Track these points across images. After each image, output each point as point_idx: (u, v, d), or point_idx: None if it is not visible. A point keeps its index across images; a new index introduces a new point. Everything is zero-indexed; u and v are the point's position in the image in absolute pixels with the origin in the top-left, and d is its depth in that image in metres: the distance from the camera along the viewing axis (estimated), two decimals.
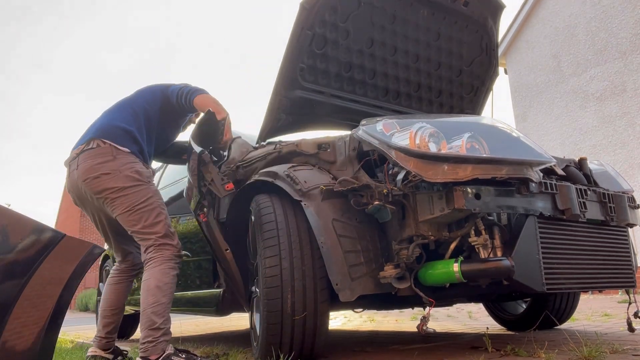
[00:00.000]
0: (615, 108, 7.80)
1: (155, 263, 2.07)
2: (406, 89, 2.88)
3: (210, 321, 6.26)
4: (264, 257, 1.84)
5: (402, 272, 1.71)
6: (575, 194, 1.82)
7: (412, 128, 1.70)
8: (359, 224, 1.83)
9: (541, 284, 1.64)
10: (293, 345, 1.81)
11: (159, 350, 1.95)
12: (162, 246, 2.11)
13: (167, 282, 2.04)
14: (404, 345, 2.41)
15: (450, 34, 2.79)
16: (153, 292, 2.01)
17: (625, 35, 7.76)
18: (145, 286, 2.03)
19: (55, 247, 1.27)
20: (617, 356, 1.74)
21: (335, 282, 1.71)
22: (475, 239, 1.67)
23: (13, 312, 1.21)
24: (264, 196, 2.01)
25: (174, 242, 2.14)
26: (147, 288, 2.02)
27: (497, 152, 1.64)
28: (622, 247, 2.00)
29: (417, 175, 1.61)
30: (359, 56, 2.62)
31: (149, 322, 1.97)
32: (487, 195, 1.62)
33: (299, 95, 2.52)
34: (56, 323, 1.32)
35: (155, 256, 2.08)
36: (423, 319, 1.65)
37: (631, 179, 7.25)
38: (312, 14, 2.32)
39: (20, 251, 1.24)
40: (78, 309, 16.08)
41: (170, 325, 2.05)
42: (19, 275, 1.22)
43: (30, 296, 1.24)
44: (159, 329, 1.97)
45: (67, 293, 1.33)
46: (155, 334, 1.96)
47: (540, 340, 2.27)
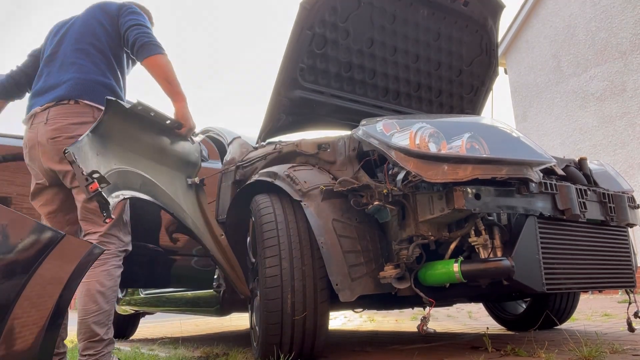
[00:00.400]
0: (615, 108, 7.80)
1: (98, 262, 1.76)
2: (406, 89, 2.88)
3: (210, 321, 6.26)
4: (264, 257, 1.84)
5: (402, 272, 1.71)
6: (575, 194, 1.82)
7: (412, 128, 1.70)
8: (359, 224, 1.83)
9: (541, 284, 1.64)
10: (293, 345, 1.81)
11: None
12: (107, 238, 1.84)
13: (110, 286, 1.81)
14: (404, 345, 2.41)
15: (450, 33, 2.79)
16: (95, 299, 1.76)
17: (625, 35, 7.76)
18: (86, 290, 1.77)
19: (55, 247, 1.27)
20: (617, 356, 1.74)
21: (335, 282, 1.71)
22: (475, 239, 1.67)
23: (13, 312, 1.21)
24: (264, 196, 2.01)
25: (122, 235, 1.89)
26: (88, 293, 1.77)
27: (497, 152, 1.64)
28: (622, 247, 2.00)
29: (417, 175, 1.61)
30: (359, 56, 2.62)
31: (90, 333, 1.74)
32: (487, 195, 1.62)
33: (299, 95, 2.52)
34: (56, 323, 1.32)
35: None
36: (423, 319, 1.65)
37: (631, 179, 7.25)
38: (312, 14, 2.32)
39: (20, 251, 1.24)
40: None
41: (112, 333, 1.85)
42: (19, 275, 1.23)
43: (30, 296, 1.24)
44: (102, 341, 1.76)
45: (67, 293, 1.33)
46: (97, 346, 1.75)
47: (540, 340, 2.27)
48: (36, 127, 1.90)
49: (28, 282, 1.24)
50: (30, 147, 1.92)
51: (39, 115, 1.91)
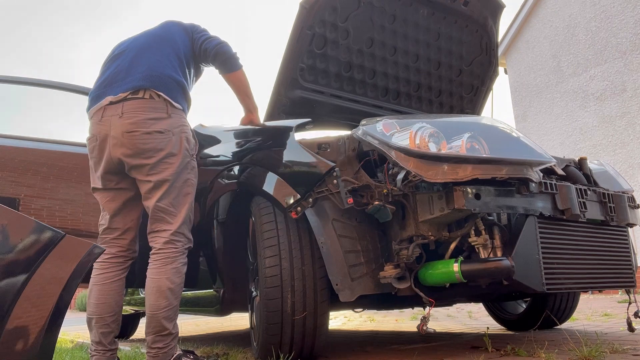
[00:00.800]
0: (615, 108, 7.80)
1: (167, 259, 1.84)
2: (406, 88, 2.88)
3: (210, 321, 6.27)
4: (264, 257, 1.84)
5: (402, 272, 1.71)
6: (575, 194, 1.82)
7: (412, 128, 1.70)
8: (359, 224, 1.83)
9: (541, 284, 1.64)
10: (293, 345, 1.81)
11: (169, 355, 1.82)
12: (177, 236, 1.88)
13: (179, 283, 1.86)
14: (404, 345, 2.41)
15: (450, 33, 2.79)
16: (165, 295, 1.81)
17: (625, 35, 7.77)
18: (156, 286, 1.82)
19: (55, 247, 1.27)
20: (617, 356, 1.74)
21: (335, 282, 1.71)
22: (475, 239, 1.67)
23: (13, 312, 1.21)
24: None
25: (187, 233, 1.92)
26: (159, 289, 1.81)
27: (497, 152, 1.64)
28: (622, 247, 2.00)
29: (417, 175, 1.61)
30: (359, 56, 2.62)
31: (160, 327, 1.80)
32: (487, 195, 1.62)
33: (299, 95, 2.52)
34: (56, 323, 1.32)
35: (167, 249, 1.85)
36: (423, 319, 1.65)
37: (631, 179, 7.25)
38: (312, 13, 2.32)
39: (20, 251, 1.24)
40: (78, 309, 16.09)
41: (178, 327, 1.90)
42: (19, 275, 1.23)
43: (30, 296, 1.24)
44: (170, 335, 1.82)
45: (67, 293, 1.33)
46: (166, 339, 1.81)
47: (540, 340, 2.27)
48: (108, 120, 1.87)
49: (28, 282, 1.24)
50: (101, 140, 1.89)
51: (111, 109, 1.88)
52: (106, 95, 1.91)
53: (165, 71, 1.96)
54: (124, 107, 1.86)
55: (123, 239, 1.97)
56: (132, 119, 1.84)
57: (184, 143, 1.91)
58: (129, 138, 1.84)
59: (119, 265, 1.96)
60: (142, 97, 1.88)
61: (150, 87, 1.89)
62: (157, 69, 1.95)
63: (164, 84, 1.92)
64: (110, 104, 1.88)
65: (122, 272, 1.97)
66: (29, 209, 2.35)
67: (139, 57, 2.00)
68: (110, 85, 1.94)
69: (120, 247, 1.96)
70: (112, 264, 1.95)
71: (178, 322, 1.89)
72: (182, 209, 1.89)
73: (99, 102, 1.92)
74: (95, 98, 1.96)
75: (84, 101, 2.05)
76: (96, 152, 1.92)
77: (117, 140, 1.85)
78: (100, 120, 1.90)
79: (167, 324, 1.81)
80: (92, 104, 1.96)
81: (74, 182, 2.46)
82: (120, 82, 1.93)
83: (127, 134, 1.84)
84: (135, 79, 1.91)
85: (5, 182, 2.35)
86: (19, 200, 2.36)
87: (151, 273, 1.85)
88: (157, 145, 1.84)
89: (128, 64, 1.98)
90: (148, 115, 1.86)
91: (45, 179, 2.42)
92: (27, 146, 2.44)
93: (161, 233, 1.87)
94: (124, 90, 1.89)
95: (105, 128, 1.87)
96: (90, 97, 1.99)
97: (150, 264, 1.86)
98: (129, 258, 1.99)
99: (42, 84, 2.76)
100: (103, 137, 1.88)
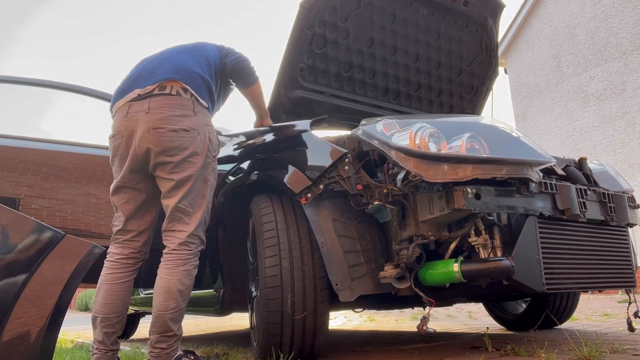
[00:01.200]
0: (615, 108, 7.80)
1: (180, 261, 1.82)
2: (406, 88, 2.88)
3: (210, 321, 6.27)
4: (264, 257, 1.84)
5: (402, 272, 1.71)
6: (575, 193, 1.82)
7: (412, 128, 1.70)
8: (359, 224, 1.83)
9: (541, 284, 1.64)
10: (293, 345, 1.81)
11: (171, 356, 1.81)
12: (192, 238, 1.86)
13: (189, 285, 1.85)
14: (404, 345, 2.41)
15: (450, 33, 2.79)
16: (175, 297, 1.80)
17: (625, 35, 7.77)
18: (167, 287, 1.80)
19: (55, 247, 1.28)
20: (617, 356, 1.74)
21: (335, 282, 1.71)
22: (475, 239, 1.67)
23: (13, 312, 1.21)
24: (264, 196, 2.01)
25: (202, 235, 1.90)
26: (169, 290, 1.80)
27: (497, 152, 1.64)
28: (622, 247, 2.00)
29: (417, 175, 1.61)
30: (359, 56, 2.62)
31: (165, 328, 1.78)
32: (487, 195, 1.62)
33: (299, 95, 2.52)
34: (56, 323, 1.32)
35: (181, 250, 1.83)
36: (423, 319, 1.65)
37: (631, 179, 7.25)
38: (312, 13, 2.32)
39: (20, 251, 1.24)
40: (78, 309, 16.09)
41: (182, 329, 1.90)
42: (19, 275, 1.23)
43: (30, 296, 1.25)
44: (174, 336, 1.81)
45: (67, 293, 1.33)
46: (169, 340, 1.80)
47: (540, 340, 2.28)
48: (134, 116, 1.86)
49: (28, 282, 1.24)
50: (127, 137, 1.87)
51: (137, 104, 1.87)
52: (134, 89, 1.90)
53: (194, 68, 1.97)
54: (150, 103, 1.85)
55: (136, 241, 1.95)
56: (158, 115, 1.83)
57: (207, 143, 1.90)
58: (155, 134, 1.82)
59: (129, 267, 1.94)
60: (169, 92, 1.87)
61: (178, 79, 1.89)
62: (187, 65, 1.96)
63: (192, 79, 1.92)
64: (137, 99, 1.87)
65: (132, 273, 1.95)
66: (29, 209, 2.35)
67: (168, 56, 2.01)
68: (137, 79, 1.94)
69: (133, 249, 1.94)
70: (123, 265, 1.93)
71: None
72: (199, 210, 1.88)
73: (126, 96, 1.90)
74: (121, 92, 1.94)
75: (84, 101, 2.05)
76: (122, 149, 1.90)
77: (143, 136, 1.83)
78: (125, 116, 1.88)
79: (172, 326, 1.79)
80: (118, 98, 1.94)
81: (74, 182, 2.45)
82: (147, 77, 1.92)
83: (153, 130, 1.82)
84: (164, 71, 1.91)
85: (5, 182, 2.35)
86: (19, 200, 2.36)
87: (162, 273, 1.83)
88: (183, 143, 1.83)
89: (157, 62, 1.98)
90: (174, 112, 1.84)
91: (45, 179, 2.41)
92: (27, 146, 2.44)
93: (177, 234, 1.86)
94: (152, 82, 1.88)
95: (131, 124, 1.85)
96: (115, 93, 1.98)
97: (162, 264, 1.85)
98: (139, 260, 1.97)
99: (43, 84, 2.76)
100: (129, 134, 1.86)
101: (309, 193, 1.81)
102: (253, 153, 2.22)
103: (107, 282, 1.90)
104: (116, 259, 1.92)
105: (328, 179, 1.79)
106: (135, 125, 1.84)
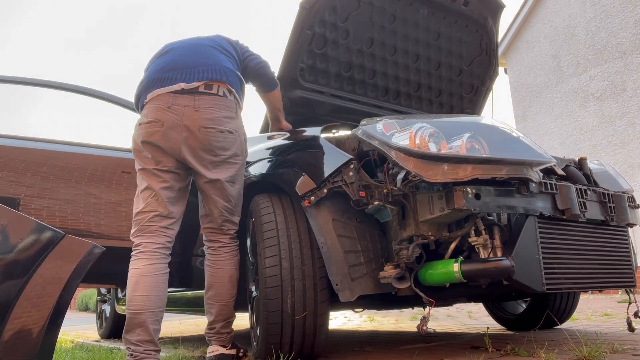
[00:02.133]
0: (615, 108, 7.80)
1: (234, 252, 2.02)
2: (406, 88, 2.88)
3: None
4: (264, 257, 1.84)
5: (402, 272, 1.71)
6: (575, 193, 1.82)
7: (412, 128, 1.70)
8: (359, 224, 1.83)
9: (541, 284, 1.64)
10: (293, 345, 1.81)
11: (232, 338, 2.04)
12: (236, 233, 2.05)
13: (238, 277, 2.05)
14: (404, 345, 2.41)
15: (450, 33, 2.79)
16: (235, 285, 2.00)
17: (625, 35, 7.77)
18: (228, 276, 1.99)
19: (55, 247, 1.27)
20: (617, 356, 1.74)
21: (335, 282, 1.71)
22: (475, 239, 1.67)
23: (13, 312, 1.21)
24: (264, 196, 2.01)
25: None
26: (230, 279, 2.00)
27: (497, 152, 1.64)
28: (622, 247, 2.00)
29: (417, 175, 1.61)
30: (359, 56, 2.62)
31: (229, 314, 2.01)
32: (487, 195, 1.62)
33: (299, 95, 2.52)
34: (56, 323, 1.32)
35: (233, 244, 2.03)
36: (423, 319, 1.65)
37: (631, 179, 7.25)
38: (312, 13, 2.32)
39: (20, 251, 1.24)
40: (78, 309, 16.09)
41: None
42: (19, 275, 1.23)
43: (30, 296, 1.25)
44: (231, 322, 2.03)
45: (67, 293, 1.33)
46: (230, 326, 2.03)
47: (540, 340, 2.28)
48: (181, 110, 1.86)
49: (28, 282, 1.24)
50: (170, 127, 1.86)
51: (184, 99, 1.87)
52: (177, 81, 1.89)
53: (233, 69, 2.01)
54: (199, 101, 1.87)
55: (172, 229, 1.93)
56: (209, 115, 1.86)
57: (244, 144, 1.99)
58: (204, 134, 1.85)
59: (165, 258, 1.90)
60: (216, 93, 1.90)
61: (225, 81, 1.93)
62: (227, 65, 1.99)
63: (234, 81, 1.98)
64: (181, 93, 1.87)
65: (167, 267, 1.91)
66: (29, 209, 2.35)
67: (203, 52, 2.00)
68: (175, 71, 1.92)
69: (168, 238, 1.91)
70: (162, 255, 1.88)
71: (178, 323, 1.90)
72: (239, 207, 2.02)
73: (166, 86, 1.89)
74: (157, 81, 1.92)
75: (85, 102, 2.05)
76: (158, 137, 1.87)
77: (191, 133, 1.85)
78: (169, 107, 1.86)
79: (232, 312, 2.02)
80: (153, 86, 1.91)
81: (74, 182, 2.45)
82: (190, 71, 1.91)
83: (203, 129, 1.85)
84: (209, 70, 1.92)
85: (5, 182, 2.34)
86: (19, 200, 2.36)
87: (222, 264, 1.99)
88: (227, 144, 1.90)
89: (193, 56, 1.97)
90: (223, 113, 1.90)
91: (45, 179, 2.41)
92: (27, 146, 2.44)
93: (227, 230, 2.02)
94: (198, 79, 1.89)
95: (177, 117, 1.85)
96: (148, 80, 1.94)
97: (218, 255, 2.00)
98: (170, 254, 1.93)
99: (43, 84, 2.76)
100: (172, 125, 1.86)
101: (312, 196, 1.82)
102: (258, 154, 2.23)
103: (148, 273, 1.82)
104: (154, 249, 1.87)
105: (332, 184, 1.79)
106: (182, 119, 1.85)
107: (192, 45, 2.04)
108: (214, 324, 2.02)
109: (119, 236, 2.44)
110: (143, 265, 1.83)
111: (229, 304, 2.01)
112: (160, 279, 1.85)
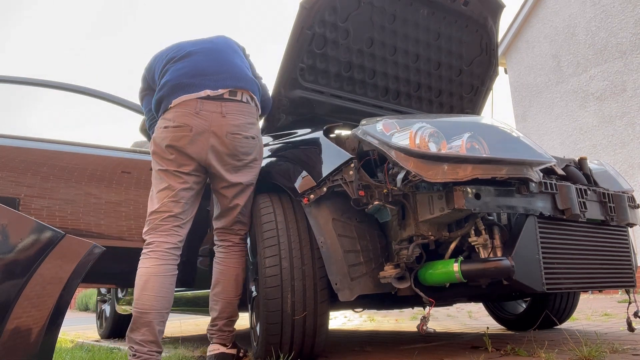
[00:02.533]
0: (615, 108, 7.80)
1: (243, 252, 2.07)
2: (406, 88, 2.88)
3: None
4: (264, 257, 1.84)
5: (402, 272, 1.71)
6: (575, 193, 1.82)
7: (412, 128, 1.70)
8: (359, 223, 1.83)
9: (541, 284, 1.64)
10: (293, 345, 1.81)
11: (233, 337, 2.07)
12: (246, 235, 2.10)
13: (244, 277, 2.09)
14: (404, 345, 2.41)
15: (450, 33, 2.79)
16: (240, 284, 2.04)
17: (625, 35, 7.77)
18: (235, 275, 2.03)
19: (55, 246, 1.27)
20: (617, 356, 1.74)
21: (335, 281, 1.71)
22: (475, 239, 1.67)
23: (13, 312, 1.21)
24: (264, 196, 2.01)
25: None
26: (237, 279, 2.04)
27: (497, 152, 1.64)
28: (622, 247, 2.00)
29: (417, 175, 1.61)
30: (359, 56, 2.62)
31: (232, 312, 2.04)
32: (487, 195, 1.62)
33: (299, 95, 2.52)
34: (56, 323, 1.32)
35: (243, 244, 2.08)
36: (423, 319, 1.65)
37: (631, 179, 7.25)
38: (312, 13, 2.32)
39: (20, 251, 1.24)
40: (78, 309, 16.09)
41: None
42: (19, 275, 1.23)
43: (30, 296, 1.24)
44: (234, 322, 2.06)
45: (67, 293, 1.33)
46: (232, 325, 2.06)
47: (540, 339, 2.28)
48: (209, 116, 1.89)
49: (28, 282, 1.24)
50: (198, 133, 1.89)
51: (211, 104, 1.90)
52: (204, 88, 1.92)
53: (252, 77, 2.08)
54: (226, 107, 1.92)
55: (183, 229, 1.95)
56: (235, 121, 1.92)
57: (262, 150, 2.06)
58: (231, 139, 1.91)
59: (176, 259, 1.90)
60: (240, 99, 1.96)
61: (247, 88, 1.99)
62: (247, 73, 2.06)
63: (255, 89, 2.05)
64: (207, 99, 1.91)
65: (177, 268, 1.91)
66: (29, 209, 2.35)
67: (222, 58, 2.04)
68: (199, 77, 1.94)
69: (180, 238, 1.92)
70: (172, 256, 1.89)
71: (178, 322, 1.90)
72: (249, 210, 2.06)
73: (193, 93, 1.91)
74: (183, 87, 1.93)
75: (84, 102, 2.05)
76: (186, 141, 1.90)
77: (218, 139, 1.90)
78: (197, 112, 1.89)
79: (236, 311, 2.05)
80: (180, 92, 1.93)
81: (74, 182, 2.45)
82: (214, 76, 1.95)
83: (230, 135, 1.91)
84: (233, 77, 1.98)
85: (5, 182, 2.34)
86: (19, 200, 2.36)
87: (231, 262, 2.04)
88: (250, 149, 1.97)
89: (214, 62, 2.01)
90: (247, 119, 1.96)
91: (45, 179, 2.41)
92: (27, 146, 2.44)
93: (239, 232, 2.07)
94: (223, 86, 1.93)
95: (205, 123, 1.89)
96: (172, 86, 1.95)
97: (228, 254, 2.05)
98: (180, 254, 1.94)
99: (43, 84, 2.76)
100: (200, 130, 1.89)
101: (311, 194, 1.82)
102: None
103: (158, 273, 1.82)
104: (165, 249, 1.87)
105: (332, 182, 1.79)
106: (210, 125, 1.89)
107: (212, 51, 2.07)
108: (217, 320, 2.04)
109: (119, 236, 2.44)
110: (153, 265, 1.83)
111: (234, 302, 2.04)
112: (169, 280, 1.85)
